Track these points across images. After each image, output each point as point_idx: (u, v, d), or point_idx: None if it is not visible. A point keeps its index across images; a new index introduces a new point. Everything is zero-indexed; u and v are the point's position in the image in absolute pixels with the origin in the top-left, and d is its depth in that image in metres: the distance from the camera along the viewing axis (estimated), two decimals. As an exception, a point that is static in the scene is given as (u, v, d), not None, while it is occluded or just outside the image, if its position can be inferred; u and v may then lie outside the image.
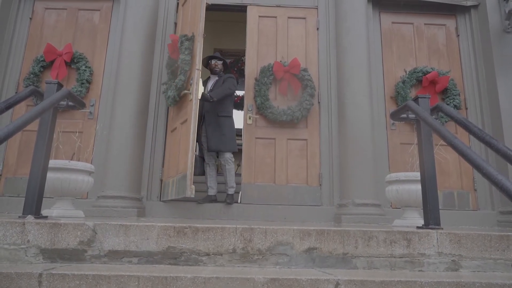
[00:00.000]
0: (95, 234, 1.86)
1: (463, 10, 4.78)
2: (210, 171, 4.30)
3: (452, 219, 4.10)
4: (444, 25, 4.80)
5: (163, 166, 4.22)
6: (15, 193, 4.07)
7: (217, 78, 4.37)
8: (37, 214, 2.22)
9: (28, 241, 1.83)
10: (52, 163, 2.85)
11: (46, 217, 2.30)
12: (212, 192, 4.25)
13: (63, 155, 3.85)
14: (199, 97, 3.55)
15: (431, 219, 2.31)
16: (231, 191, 4.19)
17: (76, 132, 4.17)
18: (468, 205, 4.26)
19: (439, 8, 4.80)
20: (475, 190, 4.30)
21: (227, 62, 4.55)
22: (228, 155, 4.17)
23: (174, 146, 3.97)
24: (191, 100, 3.56)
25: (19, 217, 2.10)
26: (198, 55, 3.62)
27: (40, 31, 4.58)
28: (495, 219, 4.15)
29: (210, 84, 4.37)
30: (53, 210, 2.94)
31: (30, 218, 2.05)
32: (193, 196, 3.36)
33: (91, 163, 4.04)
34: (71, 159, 3.10)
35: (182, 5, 4.43)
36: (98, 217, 3.35)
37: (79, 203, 3.78)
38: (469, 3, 4.72)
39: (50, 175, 2.78)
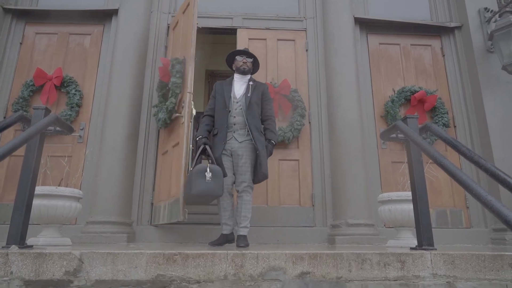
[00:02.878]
0: (81, 263, 1.80)
1: (447, 31, 4.91)
2: (225, 203, 3.24)
3: (445, 237, 4.08)
4: (430, 45, 4.92)
5: (153, 189, 4.15)
6: (1, 220, 3.96)
7: (246, 81, 3.45)
8: (22, 243, 2.15)
9: (12, 272, 1.76)
10: (38, 189, 2.79)
11: (31, 246, 2.23)
12: (227, 230, 3.24)
13: (51, 180, 3.78)
14: (191, 120, 3.58)
15: (424, 240, 2.29)
16: (244, 231, 3.15)
17: (66, 156, 4.12)
18: (461, 222, 4.26)
19: (424, 30, 4.93)
20: (467, 207, 4.30)
21: (258, 61, 3.67)
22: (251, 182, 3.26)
23: (165, 169, 3.92)
24: (183, 123, 3.56)
25: (2, 247, 2.04)
26: (190, 78, 3.65)
27: (30, 55, 4.57)
28: (489, 237, 4.14)
29: (237, 89, 3.40)
30: (39, 238, 2.86)
31: (14, 248, 1.99)
32: (186, 219, 3.31)
33: (80, 188, 3.98)
34: (59, 185, 3.04)
35: (173, 29, 4.47)
36: (86, 244, 3.26)
37: (68, 229, 3.70)
38: (452, 24, 4.85)
39: (36, 202, 2.72)
